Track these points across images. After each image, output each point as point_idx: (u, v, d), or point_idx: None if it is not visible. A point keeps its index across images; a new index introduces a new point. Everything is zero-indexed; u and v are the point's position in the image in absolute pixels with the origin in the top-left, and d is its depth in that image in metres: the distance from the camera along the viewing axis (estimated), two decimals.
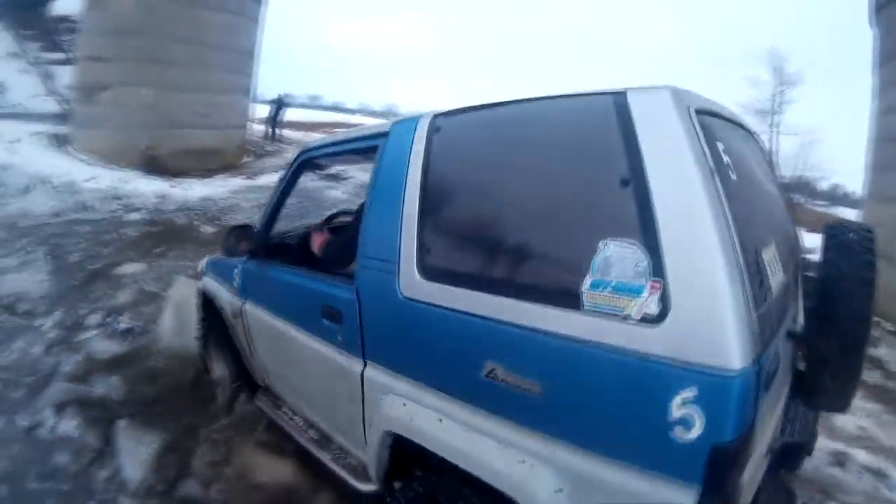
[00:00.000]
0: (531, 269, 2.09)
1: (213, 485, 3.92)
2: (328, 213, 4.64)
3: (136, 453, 4.24)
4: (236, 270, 4.22)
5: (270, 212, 4.03)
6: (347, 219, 4.33)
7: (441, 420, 2.32)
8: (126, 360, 5.71)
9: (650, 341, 1.70)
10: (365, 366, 2.77)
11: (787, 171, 35.50)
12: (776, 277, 2.14)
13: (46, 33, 28.86)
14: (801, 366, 2.37)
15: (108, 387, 5.16)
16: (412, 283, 2.45)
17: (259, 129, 24.66)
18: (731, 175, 1.96)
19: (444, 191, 2.48)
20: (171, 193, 14.35)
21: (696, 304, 1.64)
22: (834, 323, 2.11)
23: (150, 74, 16.78)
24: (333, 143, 3.59)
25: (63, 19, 30.06)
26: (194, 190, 15.07)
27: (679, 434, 1.64)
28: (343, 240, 3.32)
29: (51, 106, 22.14)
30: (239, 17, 19.00)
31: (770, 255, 2.15)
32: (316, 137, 4.72)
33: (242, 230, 4.03)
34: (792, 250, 2.73)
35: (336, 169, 15.56)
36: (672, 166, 1.75)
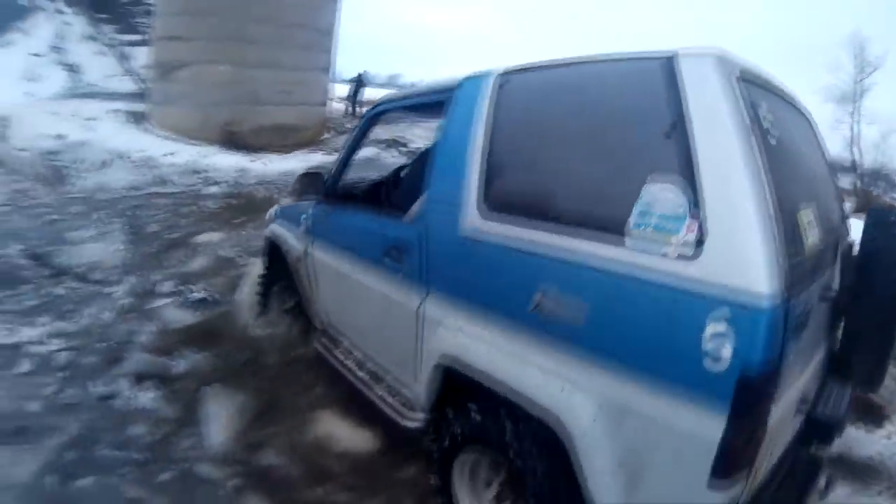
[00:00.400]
0: (581, 209, 2.29)
1: (292, 453, 3.84)
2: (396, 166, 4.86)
3: (216, 421, 4.15)
4: (304, 216, 4.44)
5: (343, 160, 4.26)
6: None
7: (490, 349, 2.53)
8: (202, 328, 5.62)
9: (687, 274, 1.87)
10: (424, 300, 2.98)
11: (867, 159, 33.82)
12: (811, 239, 2.27)
13: (121, 16, 29.62)
14: (837, 346, 2.71)
15: (180, 354, 5.07)
16: (475, 222, 2.68)
17: (339, 107, 24.70)
18: (770, 136, 2.11)
19: (507, 140, 2.71)
20: (251, 168, 14.36)
21: (731, 242, 1.81)
22: (870, 298, 2.41)
23: (227, 52, 16.95)
24: (406, 97, 3.86)
25: (138, 2, 30.93)
26: (274, 165, 15.05)
27: (710, 362, 1.79)
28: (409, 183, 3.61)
29: (128, 85, 22.80)
30: None
31: (807, 218, 2.29)
32: None
33: (314, 176, 4.41)
34: (833, 226, 2.84)
35: (397, 135, 15.88)
36: (712, 119, 1.93)
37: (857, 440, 4.11)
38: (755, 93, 2.16)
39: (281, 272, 4.93)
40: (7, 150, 13.07)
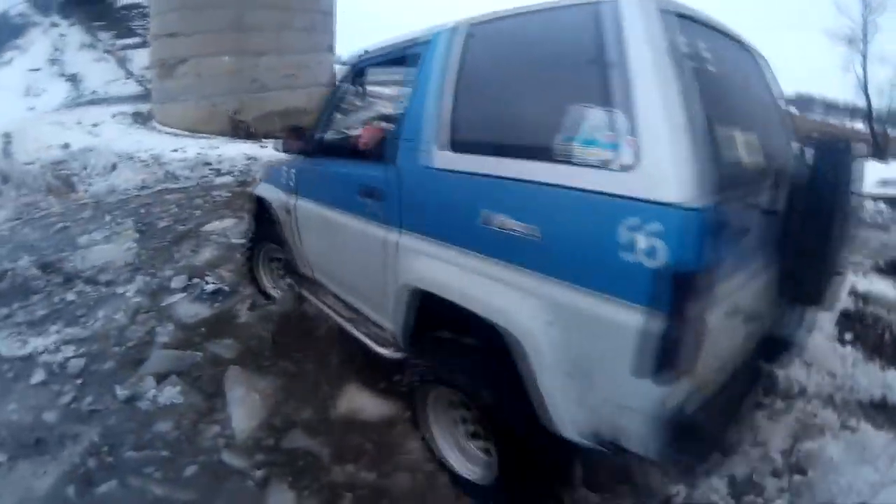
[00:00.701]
0: (534, 136, 2.54)
1: (318, 434, 3.84)
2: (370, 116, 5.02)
3: (240, 406, 4.17)
4: (290, 172, 4.72)
5: (323, 115, 4.49)
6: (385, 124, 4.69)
7: (455, 269, 2.80)
8: (218, 319, 5.57)
9: (622, 184, 2.11)
10: (399, 234, 3.23)
11: (879, 102, 32.94)
12: (748, 160, 2.58)
13: (117, 21, 30.07)
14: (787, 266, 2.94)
15: (199, 347, 5.03)
16: (443, 156, 2.94)
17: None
18: (707, 66, 2.46)
19: (472, 83, 2.96)
20: (261, 154, 14.21)
21: (662, 156, 2.05)
22: (814, 219, 2.68)
23: (227, 43, 17.01)
24: (383, 51, 4.02)
25: (133, 6, 31.31)
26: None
27: (645, 262, 2.03)
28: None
29: (130, 88, 23.01)
30: None
31: (743, 140, 2.58)
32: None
33: (297, 131, 4.56)
34: (779, 153, 3.06)
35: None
36: (648, 51, 2.17)
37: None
38: (693, 29, 2.53)
39: (267, 231, 5.22)
40: (12, 165, 13.07)
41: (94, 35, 28.46)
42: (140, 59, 24.68)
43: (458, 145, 2.89)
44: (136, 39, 27.58)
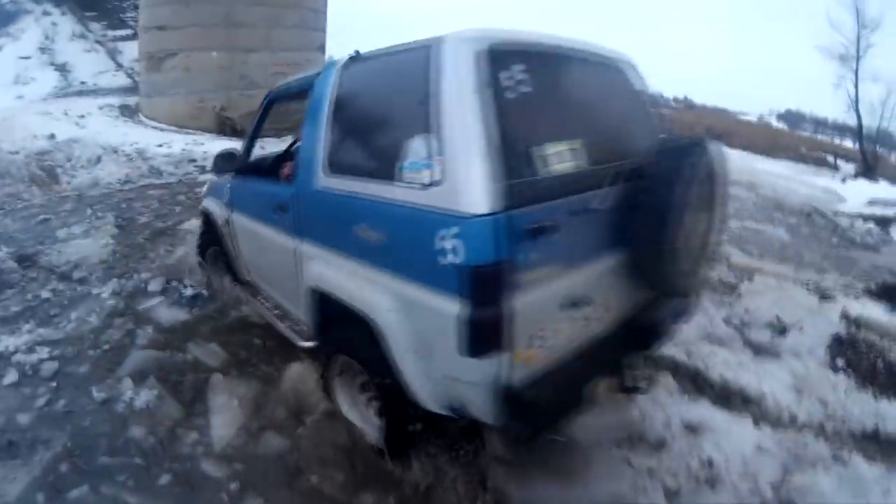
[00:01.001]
0: (381, 160, 3.03)
1: (293, 437, 3.92)
2: (288, 143, 5.61)
3: (218, 413, 4.19)
4: (226, 188, 5.27)
5: (249, 139, 5.15)
6: None
7: (336, 271, 3.37)
8: (197, 322, 5.61)
9: (434, 199, 2.62)
10: (300, 243, 3.81)
11: (868, 119, 32.95)
12: (561, 166, 2.87)
13: (109, 12, 29.89)
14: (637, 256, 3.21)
15: (177, 350, 4.99)
16: (322, 179, 3.49)
17: None
18: (511, 92, 2.72)
19: (342, 115, 3.48)
20: None
21: (455, 172, 2.55)
22: (652, 209, 2.93)
23: (217, 38, 16.89)
24: (287, 86, 4.69)
25: None
26: (271, 148, 14.53)
27: (452, 260, 2.52)
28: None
29: (120, 80, 22.92)
30: None
31: (566, 150, 2.92)
32: None
33: (229, 154, 5.25)
34: (619, 153, 3.26)
35: None
36: (449, 82, 2.64)
37: None
38: (507, 59, 2.79)
39: (213, 238, 5.72)
40: None
41: (86, 25, 28.20)
42: (131, 51, 24.40)
43: (333, 168, 3.44)
44: (128, 31, 27.33)
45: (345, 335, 3.51)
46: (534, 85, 2.85)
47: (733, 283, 6.75)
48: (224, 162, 5.22)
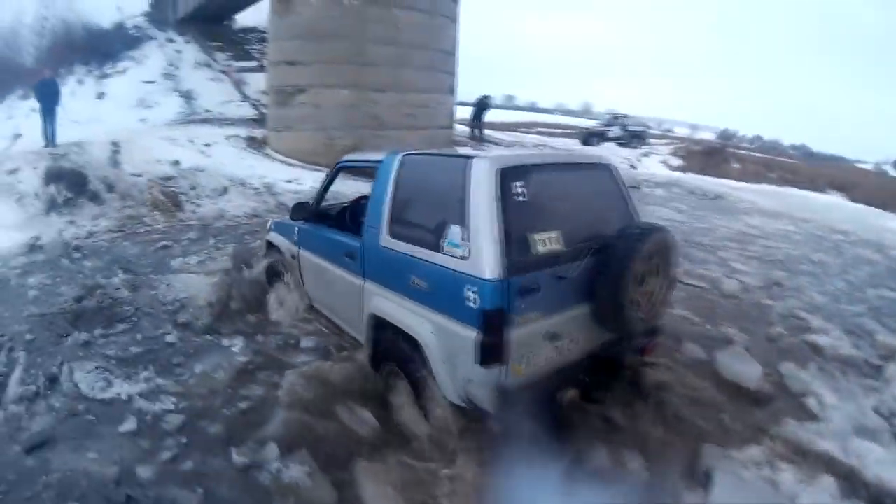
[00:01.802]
0: (428, 237, 4.15)
1: None
2: (357, 196, 6.73)
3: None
4: (294, 228, 6.44)
5: (319, 194, 6.27)
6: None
7: (393, 304, 4.45)
8: (345, 380, 5.00)
9: (464, 266, 3.78)
10: (365, 282, 4.84)
11: None
12: (545, 248, 3.99)
13: (234, 43, 31.30)
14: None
15: (327, 416, 4.51)
16: (385, 240, 4.56)
17: (462, 129, 24.45)
18: (517, 197, 3.90)
19: (400, 195, 4.59)
20: None
21: (478, 252, 3.70)
22: (607, 276, 4.09)
23: (346, 76, 16.90)
24: (355, 162, 5.89)
25: (251, 30, 32.32)
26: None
27: (472, 305, 3.68)
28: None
29: (245, 111, 23.40)
30: (436, 16, 18.80)
31: (542, 238, 3.99)
32: (518, 136, 18.56)
33: (303, 204, 6.22)
34: (591, 237, 4.27)
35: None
36: (478, 193, 3.81)
37: None
38: (514, 175, 3.91)
39: (278, 263, 6.96)
40: (119, 175, 12.92)
41: (210, 55, 29.33)
42: (255, 82, 25.29)
43: (393, 234, 4.49)
44: (252, 63, 28.34)
45: (394, 348, 4.49)
46: (530, 192, 3.99)
47: (877, 365, 6.07)
48: (299, 210, 6.22)
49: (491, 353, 3.67)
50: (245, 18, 33.45)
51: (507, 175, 3.88)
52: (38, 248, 9.10)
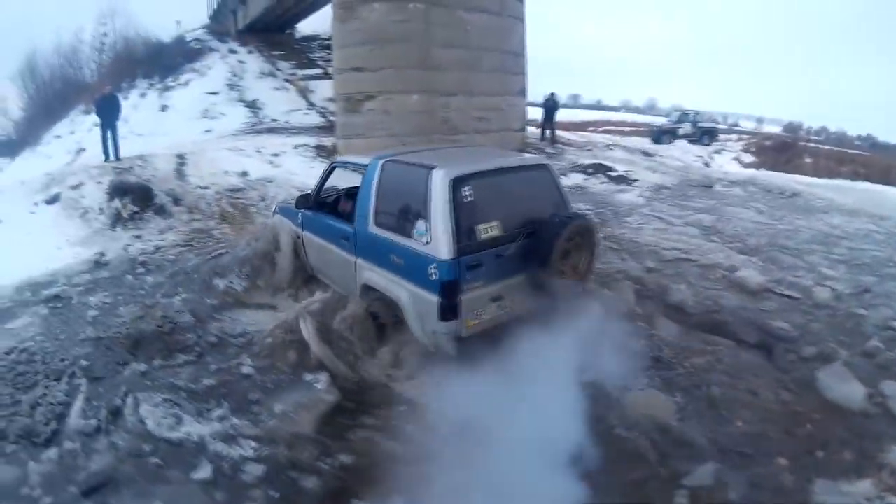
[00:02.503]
0: (402, 226, 5.38)
1: None
2: (349, 187, 7.27)
3: None
4: (298, 214, 7.56)
5: (317, 187, 7.31)
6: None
7: (379, 276, 5.68)
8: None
9: (427, 249, 5.01)
10: (357, 259, 6.09)
11: None
12: (488, 235, 5.16)
13: (296, 52, 31.56)
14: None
15: None
16: (371, 227, 5.80)
17: (533, 131, 24.03)
18: (465, 197, 5.05)
19: (382, 193, 5.82)
20: None
21: (437, 240, 4.94)
22: (536, 252, 5.31)
23: (415, 80, 16.71)
24: (346, 162, 7.14)
25: (313, 38, 32.78)
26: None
27: (433, 277, 4.92)
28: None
29: (312, 119, 23.41)
30: (503, 17, 18.54)
31: (485, 227, 5.17)
32: (588, 136, 17.99)
33: (306, 196, 7.36)
34: (525, 224, 5.48)
35: (623, 170, 17.98)
36: (435, 197, 5.00)
37: None
38: (463, 182, 5.10)
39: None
40: (185, 188, 12.79)
41: (274, 64, 29.51)
42: (321, 90, 25.41)
43: (377, 223, 5.68)
44: (317, 71, 28.51)
45: (379, 307, 5.77)
46: (476, 194, 5.12)
47: None
48: (302, 200, 7.36)
49: (448, 311, 4.93)
50: (306, 27, 33.99)
51: (457, 182, 5.10)
52: (103, 265, 8.87)
